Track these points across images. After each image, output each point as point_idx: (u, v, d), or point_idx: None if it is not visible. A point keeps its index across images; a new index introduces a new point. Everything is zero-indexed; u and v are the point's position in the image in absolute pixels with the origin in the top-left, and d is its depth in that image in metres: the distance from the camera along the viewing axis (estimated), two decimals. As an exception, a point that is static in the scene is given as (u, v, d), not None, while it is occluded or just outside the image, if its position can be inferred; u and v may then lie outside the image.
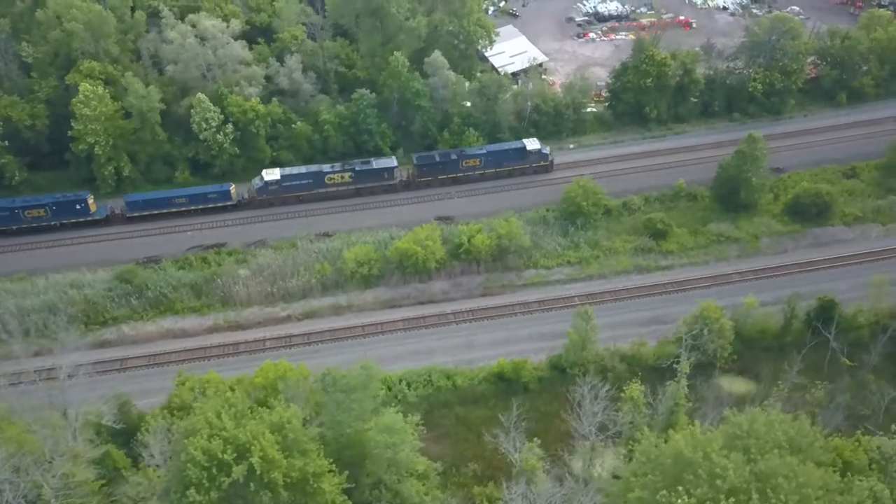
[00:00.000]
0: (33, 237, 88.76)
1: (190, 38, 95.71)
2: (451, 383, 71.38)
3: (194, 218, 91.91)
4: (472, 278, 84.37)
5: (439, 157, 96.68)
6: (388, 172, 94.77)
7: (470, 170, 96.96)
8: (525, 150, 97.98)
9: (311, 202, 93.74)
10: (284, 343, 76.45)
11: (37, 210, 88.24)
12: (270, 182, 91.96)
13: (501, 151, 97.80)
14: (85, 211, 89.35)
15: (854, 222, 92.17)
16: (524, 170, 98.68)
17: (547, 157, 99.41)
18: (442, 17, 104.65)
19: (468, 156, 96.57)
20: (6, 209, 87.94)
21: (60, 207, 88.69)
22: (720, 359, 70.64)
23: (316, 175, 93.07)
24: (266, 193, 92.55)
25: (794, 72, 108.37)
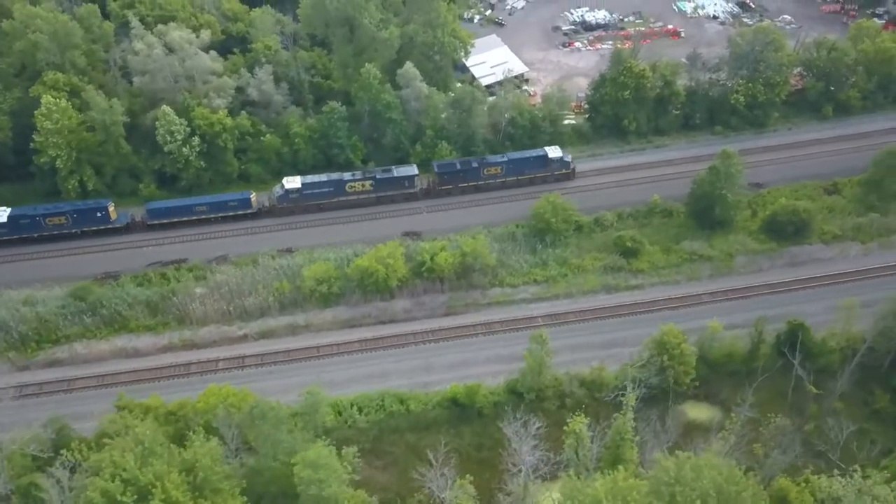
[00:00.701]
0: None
1: (157, 49, 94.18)
2: (404, 408, 69.53)
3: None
4: (435, 297, 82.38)
5: (460, 165, 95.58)
6: (408, 181, 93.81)
7: (491, 178, 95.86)
8: (547, 157, 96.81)
9: (330, 210, 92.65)
10: (237, 364, 74.77)
11: (58, 217, 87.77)
12: (291, 190, 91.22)
13: (523, 159, 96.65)
14: (105, 219, 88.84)
15: (833, 241, 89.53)
16: (546, 178, 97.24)
17: (569, 164, 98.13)
18: (416, 28, 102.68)
19: (489, 164, 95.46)
20: (28, 216, 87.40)
21: (81, 215, 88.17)
22: (681, 385, 68.16)
23: (337, 183, 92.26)
24: (287, 202, 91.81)
25: (778, 84, 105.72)
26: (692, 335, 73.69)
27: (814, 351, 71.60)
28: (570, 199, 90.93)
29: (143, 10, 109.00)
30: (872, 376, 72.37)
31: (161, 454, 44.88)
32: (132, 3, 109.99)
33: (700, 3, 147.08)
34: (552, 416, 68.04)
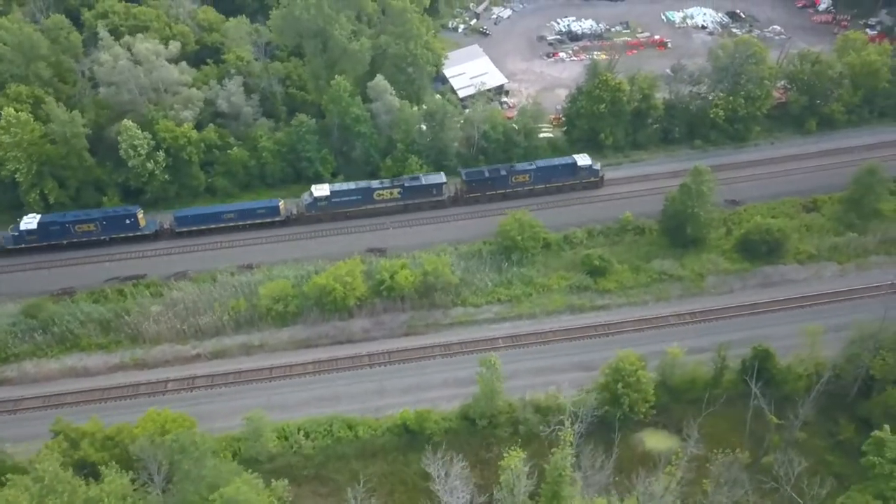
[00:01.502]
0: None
1: (122, 61, 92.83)
2: (352, 434, 67.60)
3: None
4: (396, 316, 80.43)
5: (488, 172, 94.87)
6: (436, 188, 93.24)
7: (519, 185, 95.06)
8: (576, 165, 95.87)
9: (359, 218, 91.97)
10: (187, 385, 73.07)
11: (87, 225, 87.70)
12: (320, 198, 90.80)
13: (551, 167, 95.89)
14: (134, 226, 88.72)
15: (808, 261, 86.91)
16: (574, 186, 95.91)
17: (597, 173, 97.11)
18: (387, 40, 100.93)
19: (518, 171, 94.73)
20: (57, 223, 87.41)
21: (110, 222, 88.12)
22: (636, 413, 65.88)
23: (365, 191, 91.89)
24: (315, 209, 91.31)
25: (759, 98, 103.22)
26: (656, 359, 71.68)
27: (778, 378, 69.22)
28: (537, 215, 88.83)
29: (117, 20, 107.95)
30: (839, 405, 69.90)
31: (62, 492, 43.12)
32: (105, 14, 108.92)
33: (689, 13, 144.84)
34: (505, 443, 65.94)
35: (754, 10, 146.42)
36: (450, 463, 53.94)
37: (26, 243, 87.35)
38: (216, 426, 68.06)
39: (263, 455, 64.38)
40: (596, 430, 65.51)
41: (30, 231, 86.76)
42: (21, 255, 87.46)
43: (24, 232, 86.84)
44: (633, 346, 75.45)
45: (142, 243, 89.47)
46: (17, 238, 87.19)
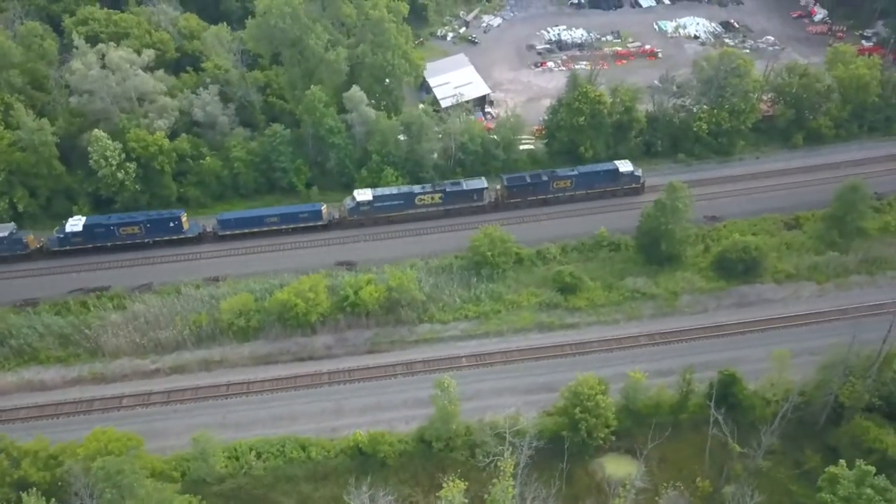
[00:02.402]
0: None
1: (93, 69, 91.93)
2: (305, 455, 66.01)
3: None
4: (360, 333, 78.90)
5: (530, 178, 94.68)
6: (477, 194, 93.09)
7: (560, 191, 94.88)
8: (617, 171, 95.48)
9: (400, 223, 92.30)
10: (142, 401, 71.77)
11: (131, 227, 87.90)
12: (363, 202, 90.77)
13: (593, 173, 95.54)
14: (178, 229, 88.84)
15: (786, 280, 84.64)
16: (615, 192, 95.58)
17: (639, 179, 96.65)
18: (364, 50, 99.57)
19: (559, 177, 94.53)
20: (102, 226, 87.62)
21: (154, 225, 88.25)
22: (594, 439, 63.99)
23: (407, 196, 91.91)
24: (357, 214, 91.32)
25: (743, 112, 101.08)
26: (623, 381, 69.75)
27: (744, 404, 67.13)
28: (512, 230, 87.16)
29: (97, 27, 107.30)
30: (807, 433, 67.73)
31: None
32: (86, 20, 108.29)
33: (682, 22, 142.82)
34: (460, 467, 64.35)
35: (748, 20, 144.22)
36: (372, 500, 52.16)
37: (71, 245, 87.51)
38: (168, 445, 66.82)
39: (212, 476, 62.98)
40: (554, 456, 63.87)
41: (75, 233, 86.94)
42: (66, 257, 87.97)
43: (70, 234, 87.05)
44: (600, 366, 74.00)
45: (183, 246, 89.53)
46: (63, 240, 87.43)
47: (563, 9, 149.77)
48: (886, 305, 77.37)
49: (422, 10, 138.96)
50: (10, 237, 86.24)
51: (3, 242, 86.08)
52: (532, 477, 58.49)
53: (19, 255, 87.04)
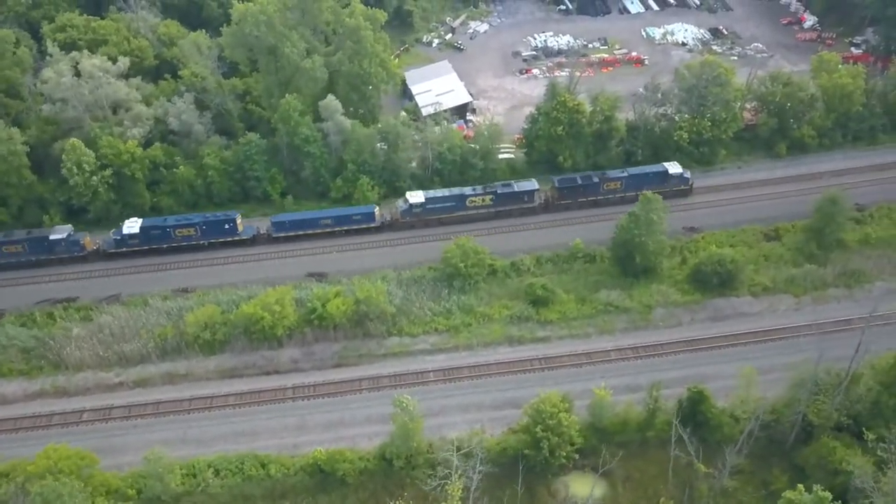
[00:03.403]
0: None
1: (65, 77, 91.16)
2: (264, 472, 64.97)
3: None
4: (327, 346, 77.83)
5: (581, 179, 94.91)
6: (528, 195, 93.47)
7: (610, 192, 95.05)
8: (667, 173, 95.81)
9: (452, 224, 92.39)
10: (102, 416, 70.87)
11: (187, 229, 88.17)
12: (415, 204, 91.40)
13: (643, 174, 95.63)
14: (233, 230, 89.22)
15: (763, 293, 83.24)
16: (664, 193, 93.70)
17: (687, 180, 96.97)
18: (340, 59, 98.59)
19: (610, 179, 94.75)
20: (158, 227, 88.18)
21: (210, 227, 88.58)
22: (556, 458, 62.78)
23: (458, 198, 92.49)
24: (409, 216, 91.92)
25: (724, 121, 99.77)
26: (591, 397, 68.51)
27: (713, 422, 65.83)
28: (485, 242, 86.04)
29: (75, 34, 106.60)
30: (776, 452, 66.45)
31: None
32: (64, 28, 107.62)
33: (670, 29, 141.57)
34: (421, 485, 63.21)
35: (737, 26, 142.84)
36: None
37: (128, 247, 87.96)
38: (126, 461, 65.94)
39: (167, 494, 61.98)
40: (517, 475, 62.74)
41: (132, 235, 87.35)
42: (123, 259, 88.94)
43: (127, 236, 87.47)
44: (569, 382, 73.09)
45: (237, 248, 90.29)
46: (119, 242, 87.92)
47: (550, 15, 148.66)
48: (862, 320, 75.78)
49: (407, 16, 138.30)
50: (67, 239, 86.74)
51: (62, 244, 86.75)
52: (484, 500, 57.12)
53: (76, 256, 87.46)
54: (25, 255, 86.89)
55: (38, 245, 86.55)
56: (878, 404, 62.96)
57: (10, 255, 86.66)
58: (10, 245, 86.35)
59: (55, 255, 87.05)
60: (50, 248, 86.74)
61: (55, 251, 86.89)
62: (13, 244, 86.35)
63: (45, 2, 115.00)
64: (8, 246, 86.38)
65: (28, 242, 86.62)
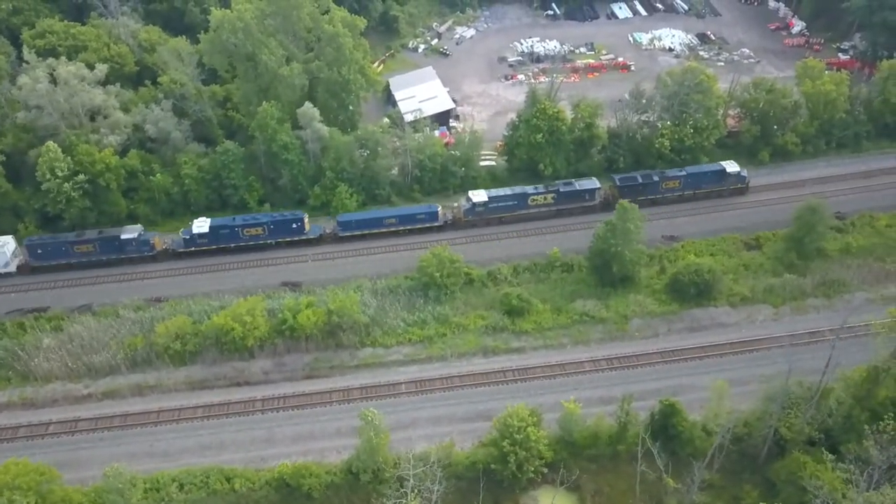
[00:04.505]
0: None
1: (41, 84, 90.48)
2: (229, 486, 64.07)
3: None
4: (299, 357, 77.00)
5: (641, 178, 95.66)
6: (589, 194, 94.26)
7: (669, 191, 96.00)
8: (724, 172, 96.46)
9: (513, 223, 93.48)
10: (69, 429, 69.99)
11: (255, 228, 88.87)
12: (478, 203, 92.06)
13: (701, 173, 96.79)
14: (300, 230, 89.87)
15: (741, 303, 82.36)
16: (721, 192, 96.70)
17: (744, 179, 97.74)
18: (319, 66, 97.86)
19: (669, 177, 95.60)
20: (227, 227, 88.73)
21: (278, 226, 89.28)
22: (525, 473, 61.91)
23: (520, 197, 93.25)
24: (473, 215, 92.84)
25: (706, 128, 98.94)
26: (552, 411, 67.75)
27: (684, 436, 64.93)
28: (458, 250, 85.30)
29: (55, 40, 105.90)
30: (749, 466, 65.48)
31: None
32: (43, 34, 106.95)
33: (657, 34, 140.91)
34: (389, 499, 62.27)
35: (725, 31, 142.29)
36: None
37: (197, 246, 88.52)
38: (90, 475, 64.93)
39: (128, 510, 61.01)
40: (486, 489, 62.04)
41: (201, 234, 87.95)
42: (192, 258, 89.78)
43: (196, 236, 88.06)
44: (541, 393, 72.40)
45: (305, 247, 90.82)
46: (188, 241, 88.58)
47: (538, 20, 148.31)
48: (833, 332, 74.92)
49: (393, 21, 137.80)
50: (138, 239, 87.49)
51: (132, 244, 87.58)
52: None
53: (146, 256, 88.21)
54: (96, 254, 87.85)
55: (108, 245, 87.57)
56: (851, 418, 62.05)
57: (81, 254, 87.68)
58: (81, 245, 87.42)
59: (125, 254, 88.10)
60: (120, 247, 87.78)
61: (125, 251, 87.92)
62: (85, 244, 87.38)
63: (26, 8, 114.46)
64: (80, 245, 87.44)
65: (99, 242, 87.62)
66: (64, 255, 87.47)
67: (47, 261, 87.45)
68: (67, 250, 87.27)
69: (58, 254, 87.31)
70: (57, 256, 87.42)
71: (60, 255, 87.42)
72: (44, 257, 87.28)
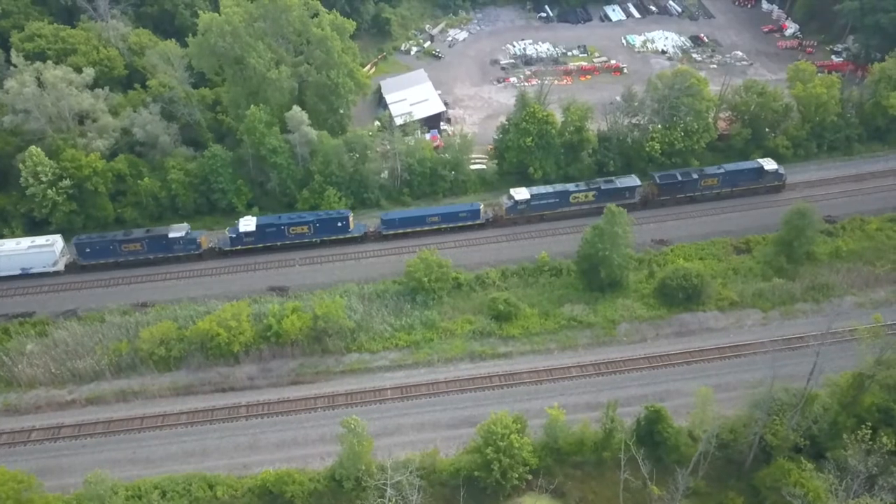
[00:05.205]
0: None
1: (28, 88, 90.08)
2: (211, 494, 63.66)
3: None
4: (284, 363, 76.67)
5: (680, 175, 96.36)
6: (629, 191, 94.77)
7: (707, 189, 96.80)
8: (762, 169, 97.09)
9: (554, 220, 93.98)
10: (51, 435, 69.59)
11: (301, 227, 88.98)
12: (521, 201, 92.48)
13: (739, 171, 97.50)
14: (345, 228, 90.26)
15: (730, 308, 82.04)
16: (757, 189, 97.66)
17: (782, 177, 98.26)
18: (307, 69, 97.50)
19: (708, 175, 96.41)
20: (273, 225, 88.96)
21: (323, 224, 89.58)
22: (508, 480, 61.48)
23: (562, 194, 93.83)
24: (514, 212, 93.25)
25: (697, 132, 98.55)
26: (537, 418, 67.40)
27: (669, 442, 64.49)
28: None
29: (44, 43, 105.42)
30: (735, 473, 65.08)
31: None
32: (32, 37, 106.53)
33: (650, 37, 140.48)
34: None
35: (718, 34, 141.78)
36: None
37: (243, 245, 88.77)
38: (72, 482, 64.55)
39: (110, 519, 60.66)
40: (470, 497, 61.64)
41: (248, 233, 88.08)
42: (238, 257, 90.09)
43: (243, 234, 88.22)
44: (528, 399, 72.22)
45: (349, 245, 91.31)
46: (235, 240, 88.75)
47: (531, 22, 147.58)
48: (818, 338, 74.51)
49: (385, 24, 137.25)
50: (185, 237, 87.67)
51: (179, 242, 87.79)
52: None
53: (193, 255, 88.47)
54: (144, 252, 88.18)
55: (156, 243, 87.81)
56: (836, 425, 61.64)
57: (128, 252, 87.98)
58: (129, 243, 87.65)
59: (172, 252, 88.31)
60: (168, 246, 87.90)
61: (173, 249, 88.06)
62: (133, 242, 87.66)
63: (16, 11, 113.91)
64: (127, 244, 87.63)
65: (147, 241, 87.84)
66: (112, 254, 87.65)
67: (95, 259, 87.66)
68: (115, 249, 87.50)
69: (106, 252, 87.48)
70: (105, 255, 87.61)
71: (108, 254, 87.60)
72: (92, 256, 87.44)
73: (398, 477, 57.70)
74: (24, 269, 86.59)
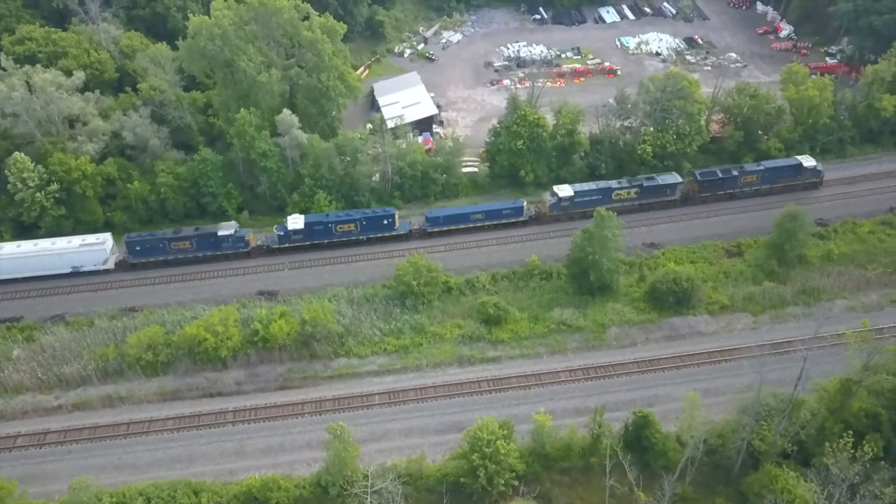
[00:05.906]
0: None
1: (17, 92, 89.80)
2: (196, 500, 63.20)
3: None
4: (272, 368, 76.26)
5: (721, 172, 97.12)
6: (670, 188, 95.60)
7: (747, 185, 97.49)
8: (801, 166, 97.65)
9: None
10: (37, 441, 69.20)
11: (348, 225, 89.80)
12: (564, 198, 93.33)
13: (778, 168, 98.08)
14: (391, 226, 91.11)
15: (720, 311, 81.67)
16: (794, 186, 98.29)
17: (820, 174, 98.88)
18: (298, 72, 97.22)
19: (748, 172, 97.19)
20: (321, 223, 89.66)
21: (370, 222, 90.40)
22: (495, 486, 61.11)
23: (605, 191, 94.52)
24: (558, 209, 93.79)
25: (689, 134, 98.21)
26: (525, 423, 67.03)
27: (656, 448, 64.11)
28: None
29: (34, 46, 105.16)
30: (723, 478, 64.69)
31: None
32: (23, 40, 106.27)
33: (645, 38, 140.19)
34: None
35: (713, 36, 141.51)
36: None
37: (291, 242, 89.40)
38: (57, 488, 64.14)
39: (94, 525, 60.34)
40: (456, 502, 61.39)
41: (296, 231, 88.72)
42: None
43: (291, 232, 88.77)
44: (516, 404, 71.87)
45: (396, 243, 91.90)
46: (283, 238, 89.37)
47: (525, 24, 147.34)
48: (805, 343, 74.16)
49: (379, 26, 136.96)
50: (234, 235, 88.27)
51: (228, 240, 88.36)
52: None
53: (241, 252, 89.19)
54: (193, 251, 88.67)
55: (205, 241, 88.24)
56: (824, 430, 61.26)
57: (178, 251, 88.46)
58: (179, 241, 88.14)
59: (221, 251, 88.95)
60: (217, 244, 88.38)
61: (222, 247, 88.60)
62: (182, 240, 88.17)
63: (7, 14, 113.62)
64: (177, 242, 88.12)
65: (196, 239, 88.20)
66: (162, 252, 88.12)
67: (145, 257, 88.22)
68: (165, 247, 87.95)
69: (156, 251, 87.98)
70: (155, 253, 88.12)
71: (158, 252, 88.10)
72: (142, 254, 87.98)
73: (380, 484, 57.10)
74: (75, 267, 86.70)
